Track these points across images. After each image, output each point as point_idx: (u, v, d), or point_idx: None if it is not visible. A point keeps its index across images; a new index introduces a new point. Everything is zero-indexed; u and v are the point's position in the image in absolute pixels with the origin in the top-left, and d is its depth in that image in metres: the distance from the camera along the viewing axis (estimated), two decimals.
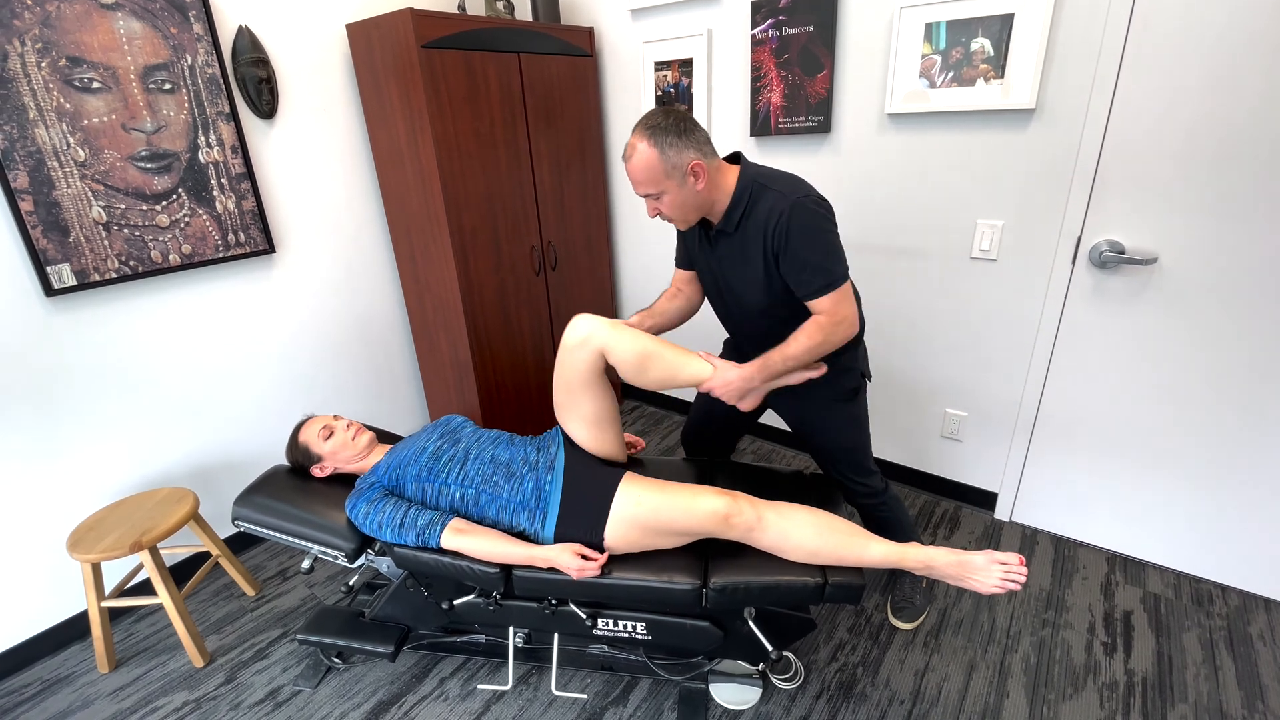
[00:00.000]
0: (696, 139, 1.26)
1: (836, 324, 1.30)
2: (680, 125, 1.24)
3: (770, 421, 2.75)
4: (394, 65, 2.01)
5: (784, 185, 1.29)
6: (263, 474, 1.64)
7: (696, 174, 1.27)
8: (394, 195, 2.28)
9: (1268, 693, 1.53)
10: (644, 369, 1.35)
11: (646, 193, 1.31)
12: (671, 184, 1.27)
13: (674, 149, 1.24)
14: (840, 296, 1.29)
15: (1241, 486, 1.74)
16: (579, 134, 2.56)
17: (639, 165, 1.26)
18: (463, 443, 1.52)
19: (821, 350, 1.33)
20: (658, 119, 1.25)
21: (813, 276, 1.27)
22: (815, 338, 1.31)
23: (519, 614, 1.48)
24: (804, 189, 1.29)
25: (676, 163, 1.24)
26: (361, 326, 2.44)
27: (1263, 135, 1.46)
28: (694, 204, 1.32)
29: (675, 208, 1.32)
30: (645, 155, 1.25)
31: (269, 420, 2.21)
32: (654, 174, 1.26)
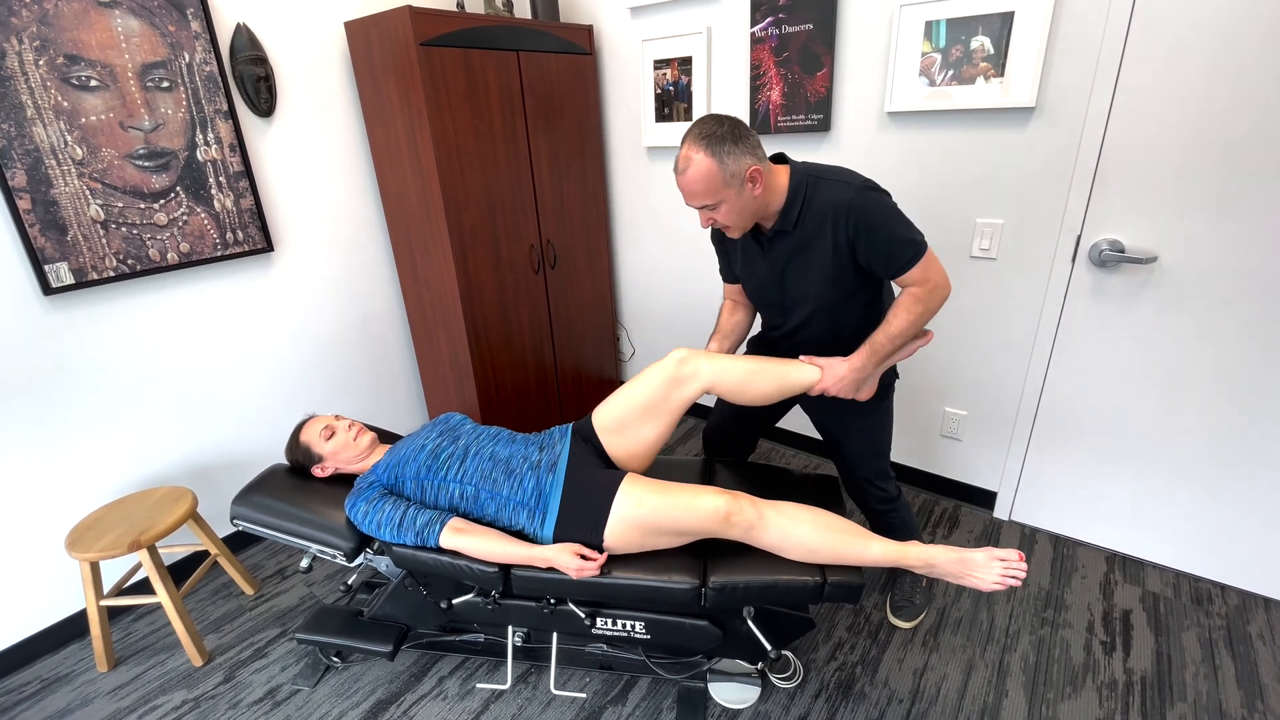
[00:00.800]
0: (751, 144, 1.24)
1: (931, 290, 1.29)
2: (735, 131, 1.21)
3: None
4: (393, 63, 2.00)
5: (839, 175, 1.30)
6: (261, 473, 1.64)
7: (755, 180, 1.24)
8: (393, 194, 2.28)
9: (1267, 692, 1.53)
10: (748, 388, 1.41)
11: (703, 204, 1.27)
12: (730, 192, 1.24)
13: (732, 157, 1.20)
14: (928, 261, 1.28)
15: (1241, 485, 1.74)
16: (578, 132, 2.56)
17: (696, 177, 1.22)
18: (462, 440, 1.52)
19: (924, 319, 1.32)
20: (711, 127, 1.22)
21: (900, 250, 1.26)
22: (914, 309, 1.30)
23: (518, 613, 1.48)
24: (861, 177, 1.29)
25: (735, 170, 1.21)
26: (360, 325, 2.44)
27: (1263, 136, 1.46)
28: (751, 210, 1.30)
29: (732, 215, 1.29)
30: (702, 166, 1.21)
31: (268, 419, 2.21)
32: (712, 184, 1.22)
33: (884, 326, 1.34)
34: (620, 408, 1.46)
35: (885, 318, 1.35)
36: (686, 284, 2.75)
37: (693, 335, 2.83)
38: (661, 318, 2.93)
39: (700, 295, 2.72)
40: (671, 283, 2.80)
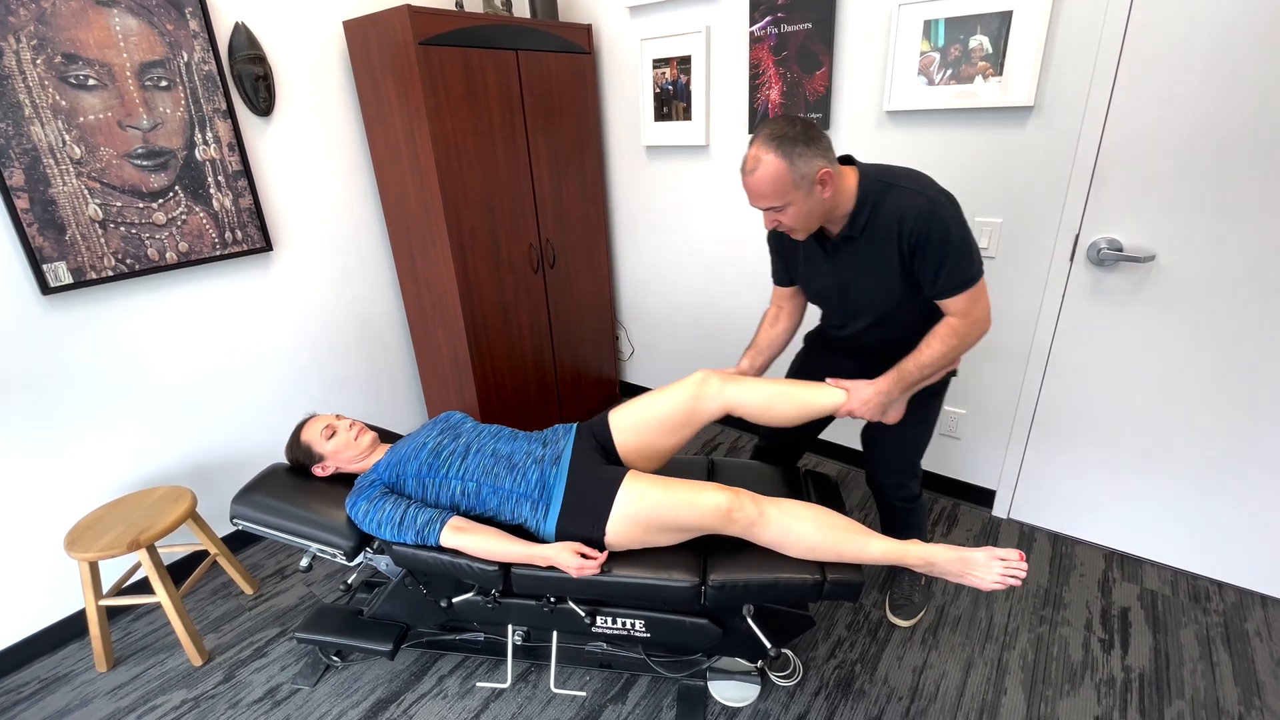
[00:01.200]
0: (823, 146, 1.20)
1: (971, 325, 1.28)
2: (808, 133, 1.18)
3: None
4: (391, 62, 2.00)
5: (910, 181, 1.25)
6: (261, 472, 1.64)
7: (825, 182, 1.21)
8: (392, 193, 2.28)
9: (1264, 689, 1.54)
10: (770, 411, 1.43)
11: (770, 205, 1.25)
12: (799, 195, 1.21)
13: (803, 159, 1.18)
14: (976, 294, 1.26)
15: (1239, 483, 1.74)
16: (578, 131, 2.56)
17: (764, 178, 1.20)
18: (463, 437, 1.52)
19: (957, 354, 1.32)
20: (783, 128, 1.19)
21: (952, 273, 1.24)
22: (950, 341, 1.30)
23: (518, 612, 1.48)
24: (933, 184, 1.25)
25: (806, 172, 1.19)
26: (360, 325, 2.44)
27: (1260, 135, 1.46)
28: (819, 213, 1.27)
29: (799, 218, 1.27)
30: (772, 167, 1.18)
31: (267, 419, 2.21)
32: (781, 186, 1.20)
33: (915, 355, 1.34)
34: (640, 416, 1.48)
35: (919, 345, 1.33)
36: (686, 283, 2.75)
37: (692, 334, 2.84)
38: (661, 317, 2.93)
39: (699, 294, 2.72)
40: (671, 282, 2.80)
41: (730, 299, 2.62)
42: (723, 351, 2.75)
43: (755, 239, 2.44)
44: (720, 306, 2.67)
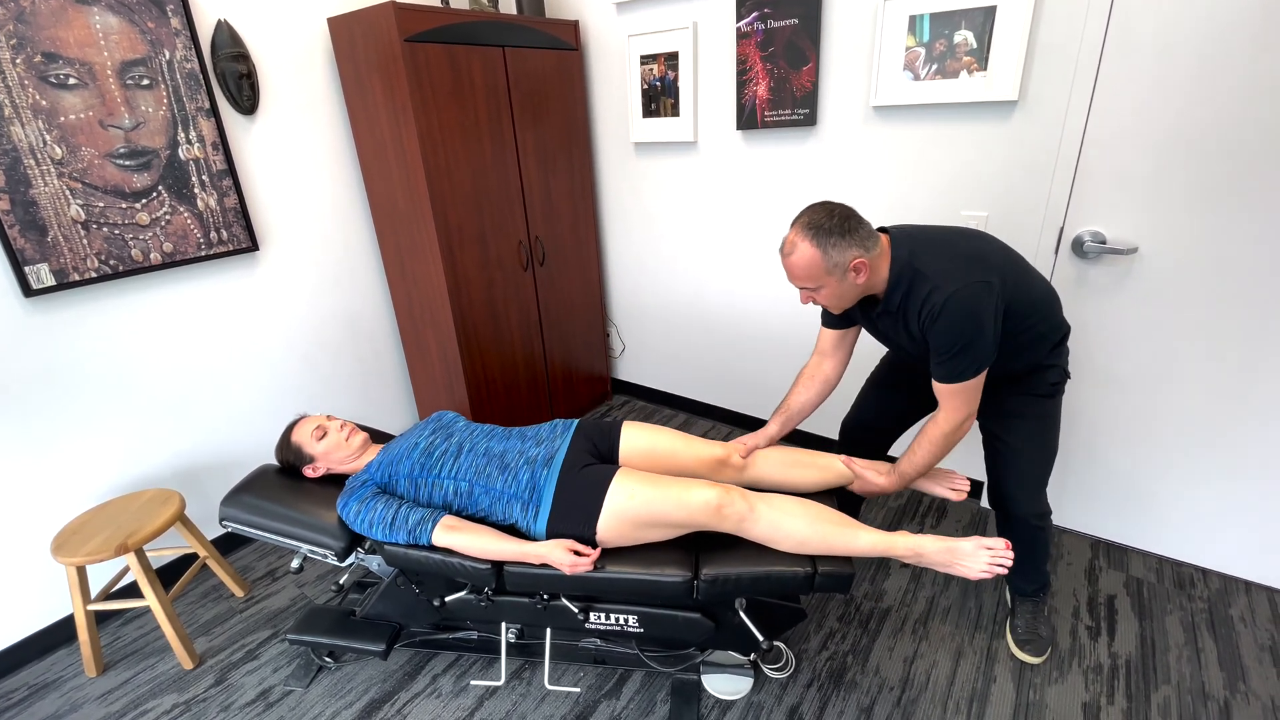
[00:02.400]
0: (860, 236, 1.24)
1: (955, 427, 1.38)
2: (844, 225, 1.23)
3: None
4: (377, 59, 1.99)
5: (939, 272, 1.25)
6: (250, 473, 1.63)
7: (859, 270, 1.26)
8: (379, 191, 2.26)
9: (1249, 673, 1.56)
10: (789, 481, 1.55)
11: (804, 286, 1.31)
12: (832, 280, 1.27)
13: (837, 249, 1.22)
14: (962, 391, 1.32)
15: (1222, 472, 1.77)
16: (566, 128, 2.55)
17: (799, 263, 1.26)
18: (455, 437, 1.52)
19: (944, 453, 1.43)
20: (820, 218, 1.24)
21: (948, 364, 1.30)
22: (938, 443, 1.41)
23: (511, 610, 1.48)
24: (960, 277, 1.24)
25: (839, 261, 1.24)
26: (348, 324, 2.42)
27: (1241, 128, 1.48)
28: (852, 295, 1.33)
29: (832, 300, 1.33)
30: (807, 254, 1.24)
31: (256, 420, 2.19)
32: (815, 271, 1.26)
33: (909, 457, 1.47)
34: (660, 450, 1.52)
35: (911, 446, 1.46)
36: (677, 280, 2.75)
37: (683, 331, 2.84)
38: (652, 314, 2.93)
39: (690, 291, 2.72)
40: (661, 279, 2.81)
41: (721, 296, 2.63)
42: (714, 350, 2.76)
43: (745, 235, 2.45)
44: (712, 303, 2.68)
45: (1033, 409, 1.47)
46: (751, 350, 2.64)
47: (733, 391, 2.81)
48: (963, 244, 1.32)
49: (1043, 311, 1.36)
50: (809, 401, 1.62)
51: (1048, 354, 1.41)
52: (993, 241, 1.36)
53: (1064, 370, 1.45)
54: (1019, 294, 1.30)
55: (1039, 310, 1.34)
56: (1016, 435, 1.49)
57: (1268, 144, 1.46)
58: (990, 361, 1.29)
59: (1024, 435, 1.49)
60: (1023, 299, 1.30)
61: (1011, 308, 1.28)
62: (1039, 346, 1.38)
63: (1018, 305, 1.29)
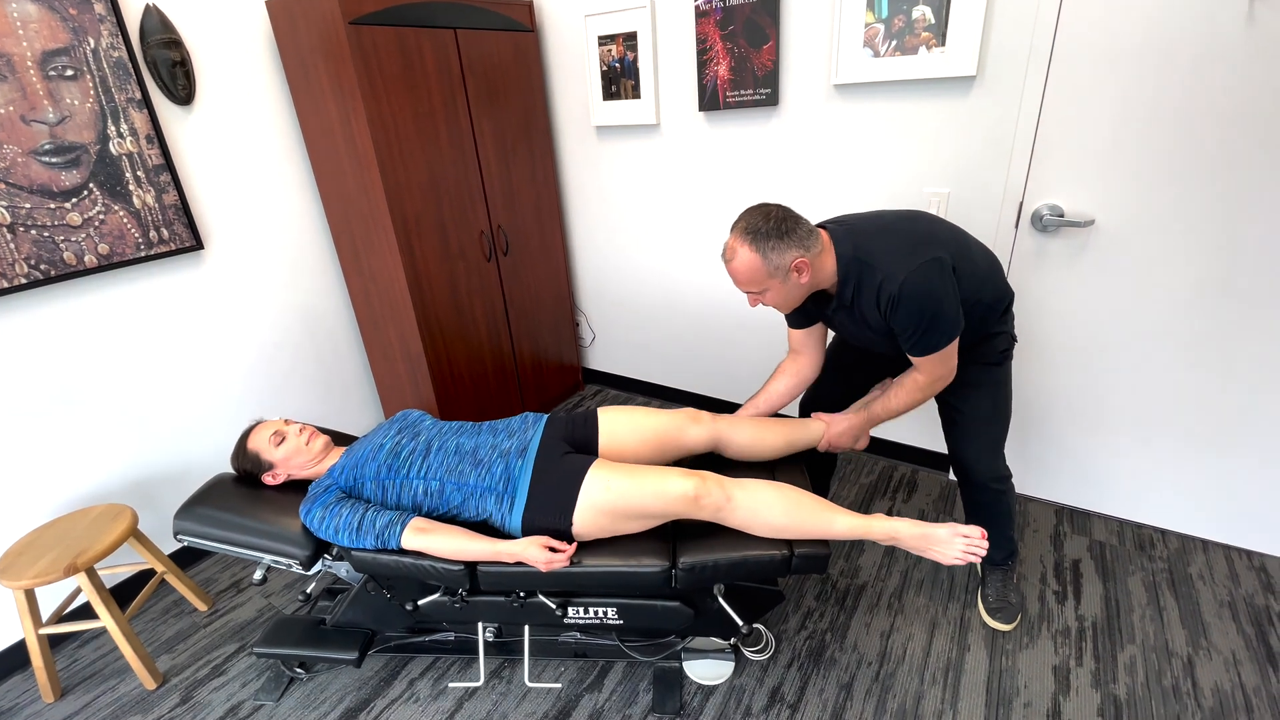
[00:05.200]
0: (799, 236, 1.25)
1: (933, 382, 1.40)
2: (781, 227, 1.24)
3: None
4: (320, 44, 1.90)
5: (887, 262, 1.27)
6: (205, 484, 1.56)
7: (800, 270, 1.27)
8: (330, 182, 2.17)
9: (1210, 629, 1.62)
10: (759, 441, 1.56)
11: (749, 290, 1.32)
12: (775, 282, 1.28)
13: (776, 251, 1.24)
14: (942, 358, 1.34)
15: (1176, 435, 1.82)
16: (524, 113, 2.48)
17: (740, 268, 1.27)
18: (423, 435, 1.47)
19: (919, 404, 1.46)
20: (757, 222, 1.25)
21: (920, 341, 1.31)
22: (914, 394, 1.43)
23: (487, 609, 1.45)
24: (908, 260, 1.25)
25: (779, 264, 1.25)
26: (304, 322, 2.33)
27: (1191, 100, 1.51)
28: (798, 295, 1.34)
29: (778, 300, 1.34)
30: (747, 260, 1.26)
31: (211, 426, 2.10)
32: (757, 276, 1.27)
33: (884, 400, 1.50)
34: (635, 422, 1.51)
35: (888, 392, 1.49)
36: (644, 266, 2.72)
37: (653, 318, 2.82)
38: (621, 302, 2.89)
39: (658, 277, 2.70)
40: (629, 266, 2.77)
41: (690, 280, 2.61)
42: (685, 335, 2.74)
43: (711, 218, 2.42)
44: (680, 289, 2.65)
45: (984, 377, 1.50)
46: (722, 334, 2.63)
47: (705, 376, 2.80)
48: (903, 227, 1.34)
49: (987, 281, 1.38)
50: (783, 393, 1.63)
51: (996, 321, 1.44)
52: (933, 219, 1.39)
53: (1011, 335, 1.50)
54: (964, 265, 1.33)
55: (982, 279, 1.37)
56: (970, 404, 1.54)
57: (1217, 116, 1.49)
58: (960, 328, 1.31)
59: (977, 403, 1.53)
60: (966, 269, 1.33)
61: (959, 276, 1.31)
62: (988, 315, 1.42)
63: (961, 275, 1.32)
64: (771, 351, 2.51)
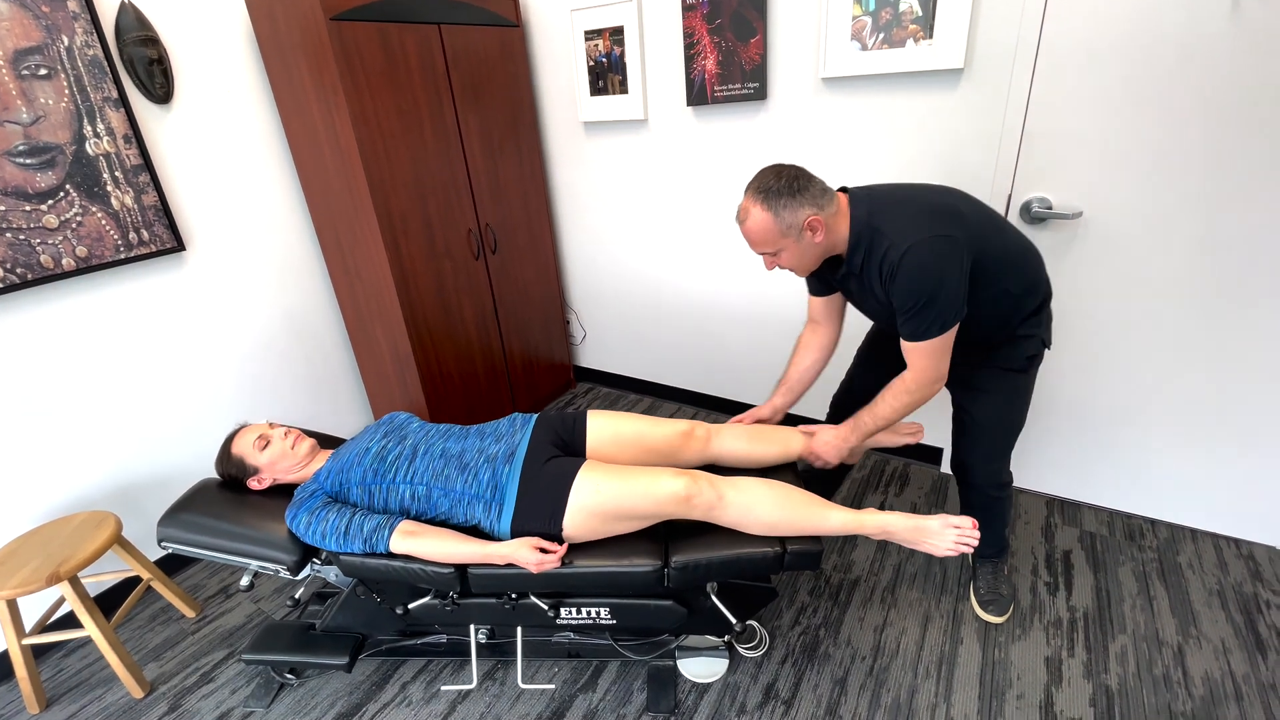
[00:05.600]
0: (811, 194, 1.23)
1: (921, 385, 1.34)
2: (793, 185, 1.22)
3: None
4: (301, 40, 1.86)
5: (897, 229, 1.23)
6: (189, 489, 1.53)
7: (814, 228, 1.25)
8: (314, 181, 2.14)
9: (1199, 618, 1.63)
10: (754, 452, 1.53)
11: (763, 251, 1.31)
12: (789, 241, 1.26)
13: (788, 209, 1.22)
14: (928, 350, 1.28)
15: (1167, 425, 1.83)
16: (511, 109, 2.46)
17: (754, 228, 1.26)
18: (409, 439, 1.45)
19: (908, 411, 1.39)
20: (769, 181, 1.23)
21: (908, 324, 1.27)
22: (902, 399, 1.37)
23: (478, 611, 1.44)
24: (918, 231, 1.21)
25: (792, 222, 1.23)
26: (290, 324, 2.30)
27: (1176, 92, 1.51)
28: (813, 255, 1.31)
29: (794, 261, 1.32)
30: (760, 219, 1.24)
31: (196, 431, 2.07)
32: (770, 235, 1.25)
33: (871, 408, 1.44)
34: (626, 430, 1.49)
35: (876, 398, 1.43)
36: (635, 262, 2.70)
37: (645, 314, 2.80)
38: (612, 298, 2.88)
39: (649, 273, 2.68)
40: (619, 262, 2.75)
41: (680, 276, 2.59)
42: (677, 332, 2.73)
43: (701, 213, 2.41)
44: (671, 284, 2.64)
45: (1001, 384, 1.44)
46: (714, 330, 2.62)
47: (697, 373, 2.79)
48: (927, 198, 1.29)
49: (1016, 269, 1.32)
50: (809, 368, 1.61)
51: (1022, 322, 1.37)
52: (963, 195, 1.33)
53: (1042, 341, 1.41)
54: (988, 247, 1.27)
55: (1011, 266, 1.31)
56: (982, 410, 1.49)
57: (1203, 108, 1.49)
58: (958, 318, 1.26)
59: (990, 411, 1.48)
60: (992, 253, 1.27)
61: (979, 262, 1.25)
62: (1015, 308, 1.35)
63: (986, 259, 1.26)
64: (764, 347, 2.51)
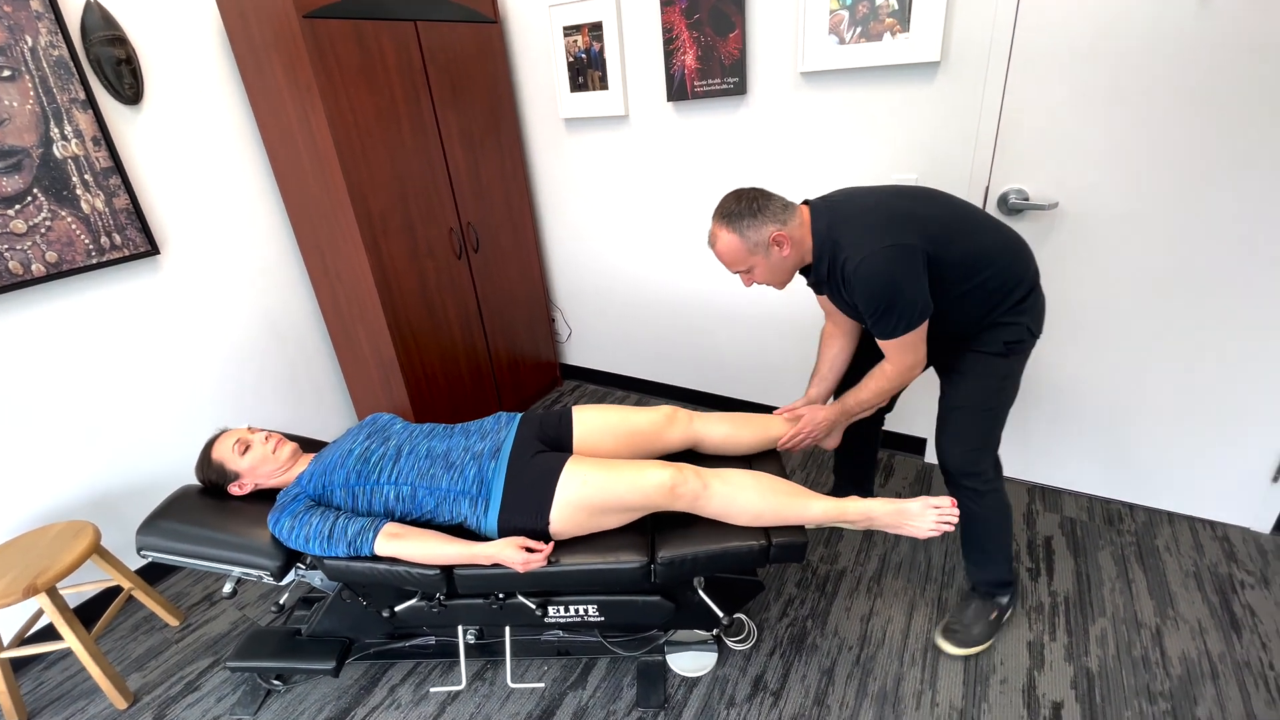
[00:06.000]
0: (772, 211, 1.30)
1: (901, 372, 1.40)
2: (753, 205, 1.29)
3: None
4: (274, 38, 1.84)
5: (851, 241, 1.27)
6: (169, 496, 1.51)
7: (780, 243, 1.31)
8: (291, 181, 2.11)
9: (1176, 599, 1.67)
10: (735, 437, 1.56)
11: (737, 270, 1.37)
12: (758, 259, 1.33)
13: (751, 228, 1.29)
14: (900, 346, 1.34)
15: (1140, 412, 1.87)
16: (491, 107, 2.44)
17: (723, 250, 1.33)
18: (393, 440, 1.44)
19: (890, 394, 1.47)
20: (730, 205, 1.31)
21: (876, 325, 1.33)
22: (882, 384, 1.44)
23: (466, 612, 1.43)
24: (871, 242, 1.24)
25: (758, 240, 1.30)
26: (270, 327, 2.27)
27: (1148, 84, 1.53)
28: (784, 269, 1.37)
29: (768, 276, 1.38)
30: (727, 241, 1.32)
31: (176, 437, 2.04)
32: (739, 254, 1.32)
33: (856, 391, 1.50)
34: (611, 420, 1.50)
35: (859, 383, 1.49)
36: (618, 259, 2.70)
37: (630, 311, 2.80)
38: (597, 295, 2.87)
39: (633, 269, 2.68)
40: (603, 259, 2.75)
41: (664, 271, 2.59)
42: (662, 327, 2.73)
43: (683, 208, 2.41)
44: (655, 281, 2.64)
45: (979, 366, 1.43)
46: (699, 325, 2.62)
47: (684, 368, 2.80)
48: (886, 206, 1.31)
49: (994, 264, 1.31)
50: (837, 355, 1.64)
51: (1006, 310, 1.36)
52: (931, 197, 1.35)
53: (1027, 329, 1.38)
54: (956, 247, 1.28)
55: (986, 263, 1.31)
56: (956, 390, 1.49)
57: (1174, 98, 1.52)
58: (924, 316, 1.29)
59: (963, 391, 1.46)
60: (962, 252, 1.28)
61: (946, 260, 1.27)
62: (994, 301, 1.34)
63: (954, 258, 1.28)
64: (750, 341, 2.52)
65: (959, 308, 1.34)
